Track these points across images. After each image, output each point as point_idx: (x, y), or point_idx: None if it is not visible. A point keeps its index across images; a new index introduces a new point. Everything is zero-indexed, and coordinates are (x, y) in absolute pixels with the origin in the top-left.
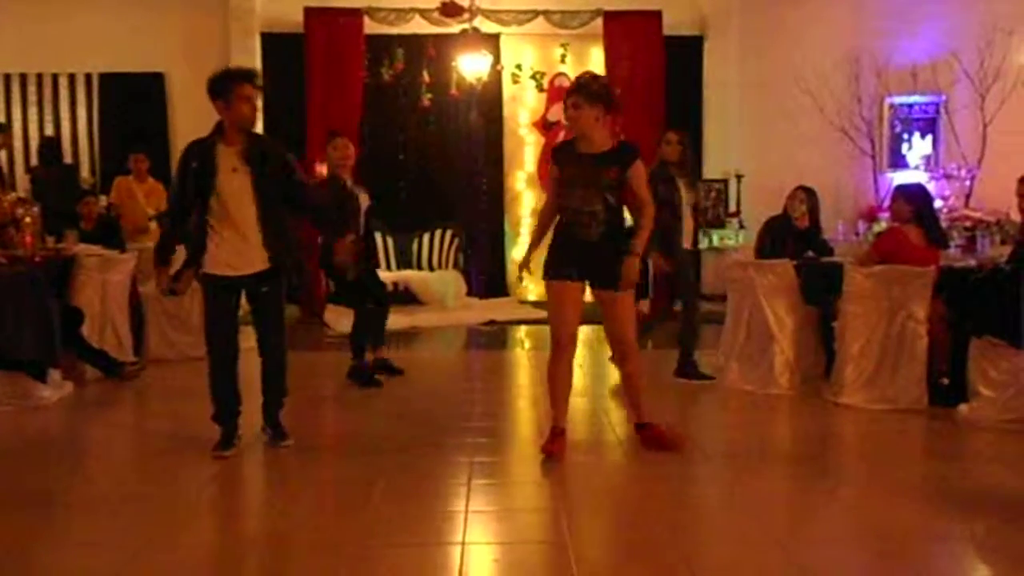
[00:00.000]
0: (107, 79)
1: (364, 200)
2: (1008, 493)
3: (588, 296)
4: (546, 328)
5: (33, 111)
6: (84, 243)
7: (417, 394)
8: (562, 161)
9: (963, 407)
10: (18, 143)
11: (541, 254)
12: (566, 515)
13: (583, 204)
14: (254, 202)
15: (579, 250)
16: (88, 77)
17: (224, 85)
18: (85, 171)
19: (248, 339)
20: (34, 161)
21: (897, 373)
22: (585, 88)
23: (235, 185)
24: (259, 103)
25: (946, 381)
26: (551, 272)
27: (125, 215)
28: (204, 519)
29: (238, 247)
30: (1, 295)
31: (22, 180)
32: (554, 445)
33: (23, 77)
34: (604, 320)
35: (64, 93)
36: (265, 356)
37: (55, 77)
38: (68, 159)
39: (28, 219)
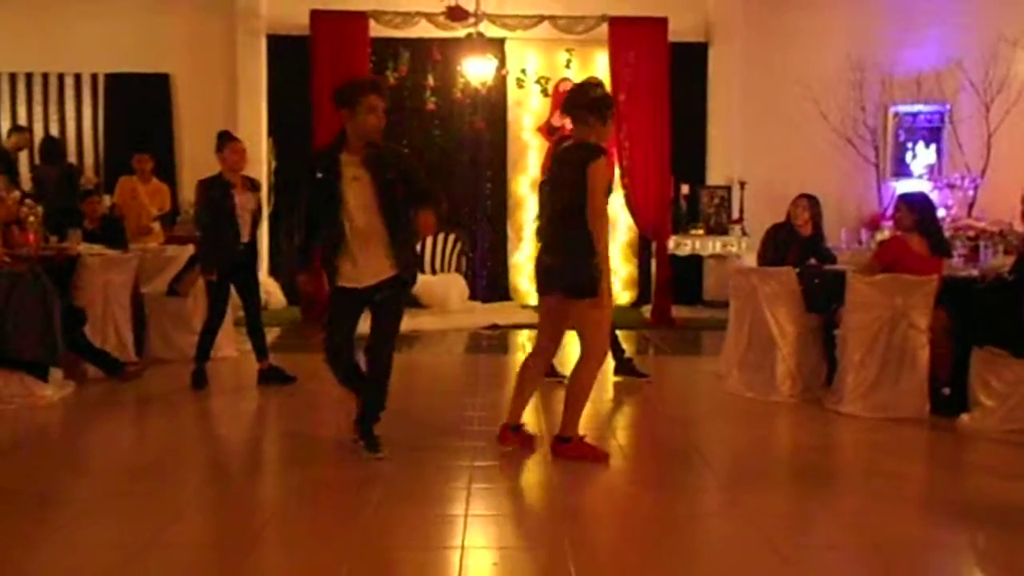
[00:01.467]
0: (113, 80)
1: (250, 203)
2: (1009, 503)
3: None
4: None
5: (39, 111)
6: (87, 242)
7: (418, 397)
8: None
9: (964, 417)
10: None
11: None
12: (565, 521)
13: None
14: (378, 210)
15: None
16: (94, 77)
17: (352, 95)
18: (89, 171)
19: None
20: (37, 160)
21: (898, 382)
22: (567, 104)
23: (359, 194)
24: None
25: (948, 391)
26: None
27: (128, 215)
28: (203, 520)
29: (364, 257)
30: (4, 294)
31: (26, 179)
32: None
33: (29, 77)
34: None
35: (70, 93)
36: (372, 363)
37: (61, 77)
38: (73, 159)
39: (32, 218)
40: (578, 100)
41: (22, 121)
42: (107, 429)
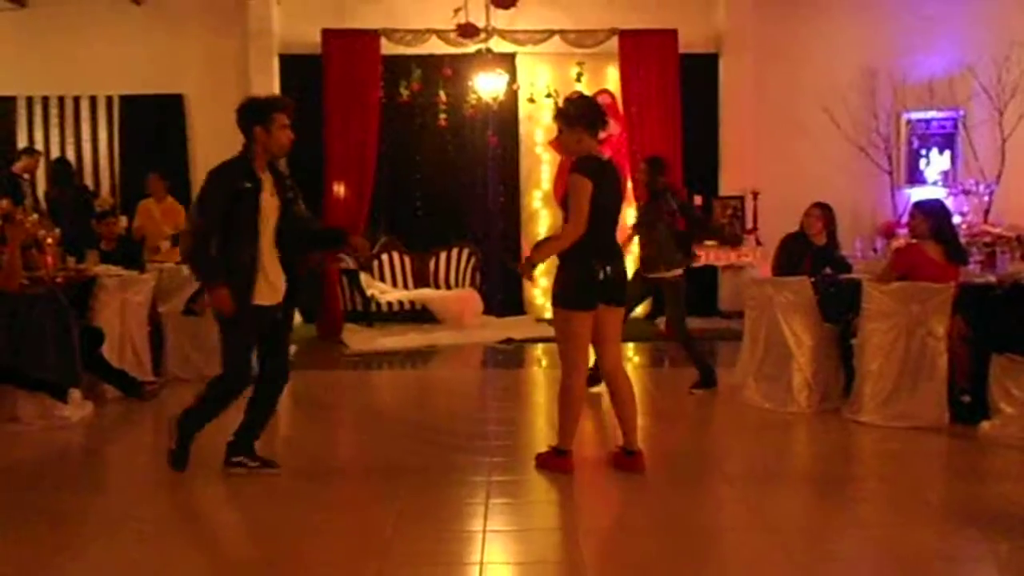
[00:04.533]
0: (127, 101)
1: None
2: None
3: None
4: None
5: (55, 133)
6: (105, 263)
7: (434, 413)
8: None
9: (985, 424)
10: (40, 166)
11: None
12: (584, 535)
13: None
14: (275, 229)
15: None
16: (109, 99)
17: (265, 112)
18: (106, 192)
19: None
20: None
21: (917, 391)
22: (560, 115)
23: (269, 211)
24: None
25: (967, 398)
26: None
27: (148, 237)
28: (223, 540)
29: (273, 275)
30: (23, 316)
31: (42, 202)
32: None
33: (45, 100)
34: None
35: (85, 115)
36: (278, 382)
37: (76, 100)
38: (89, 181)
39: (49, 240)
40: (567, 112)
41: (39, 144)
42: (126, 449)
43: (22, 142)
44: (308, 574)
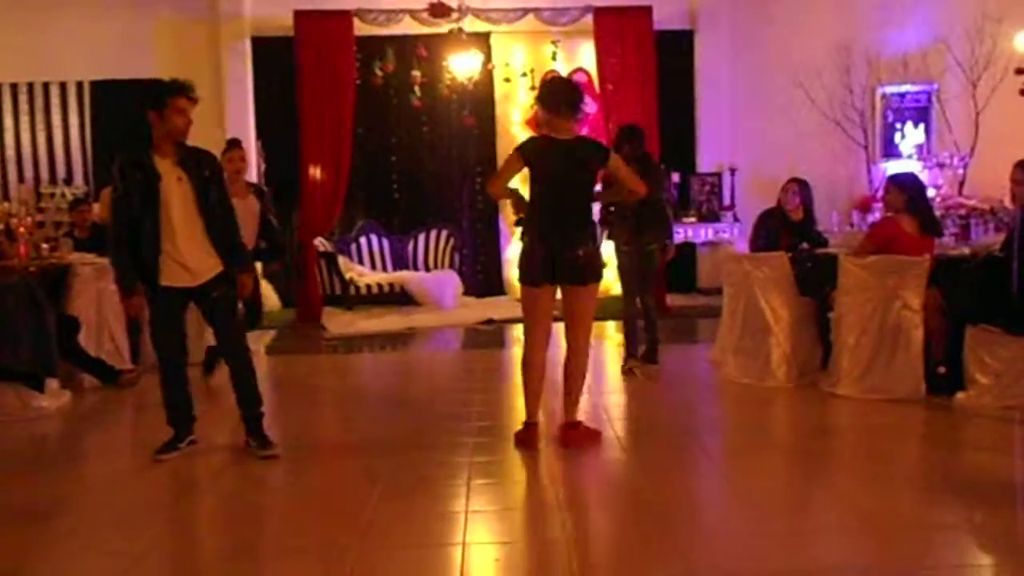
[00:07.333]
0: (98, 87)
1: (253, 207)
2: (1007, 480)
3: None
4: None
5: (25, 120)
6: (78, 252)
7: (415, 395)
8: None
9: (960, 395)
10: (11, 153)
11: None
12: (566, 513)
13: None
14: (198, 210)
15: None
16: (79, 85)
17: (160, 97)
18: (79, 179)
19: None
20: (27, 171)
21: (893, 363)
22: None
23: (180, 195)
24: (192, 116)
25: (943, 370)
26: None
27: None
28: (204, 525)
29: (190, 256)
30: None
31: (15, 190)
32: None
33: (14, 87)
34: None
35: (56, 102)
36: (233, 364)
37: (46, 86)
38: (61, 168)
39: (22, 229)
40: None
41: (8, 131)
42: (105, 437)
43: None
44: (289, 557)
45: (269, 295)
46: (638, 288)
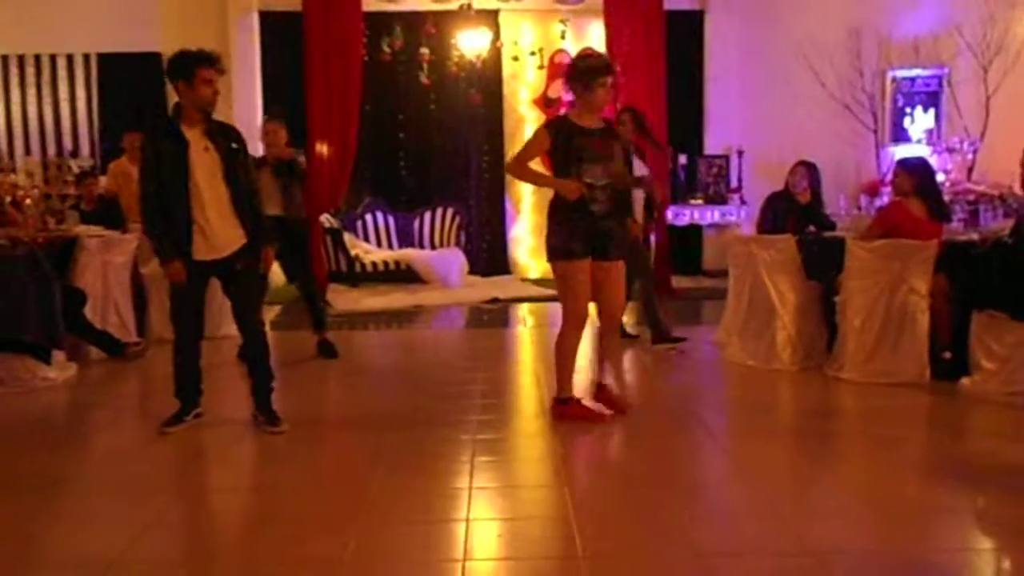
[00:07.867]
0: (105, 59)
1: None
2: (1010, 465)
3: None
4: (549, 305)
5: (32, 93)
6: (85, 224)
7: (419, 373)
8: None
9: (965, 381)
10: (18, 125)
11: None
12: (569, 491)
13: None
14: (224, 180)
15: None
16: (86, 58)
17: (187, 67)
18: (85, 152)
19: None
20: (34, 144)
21: (899, 347)
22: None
23: (208, 165)
24: (218, 86)
25: (948, 355)
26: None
27: (125, 197)
28: (209, 499)
29: (217, 226)
30: (3, 277)
31: (21, 162)
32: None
33: (21, 59)
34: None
35: (63, 74)
36: (248, 337)
37: (53, 58)
38: (68, 141)
39: (28, 201)
40: (567, 72)
41: (15, 104)
42: (111, 409)
43: None
44: (293, 531)
45: (276, 270)
46: (634, 272)
